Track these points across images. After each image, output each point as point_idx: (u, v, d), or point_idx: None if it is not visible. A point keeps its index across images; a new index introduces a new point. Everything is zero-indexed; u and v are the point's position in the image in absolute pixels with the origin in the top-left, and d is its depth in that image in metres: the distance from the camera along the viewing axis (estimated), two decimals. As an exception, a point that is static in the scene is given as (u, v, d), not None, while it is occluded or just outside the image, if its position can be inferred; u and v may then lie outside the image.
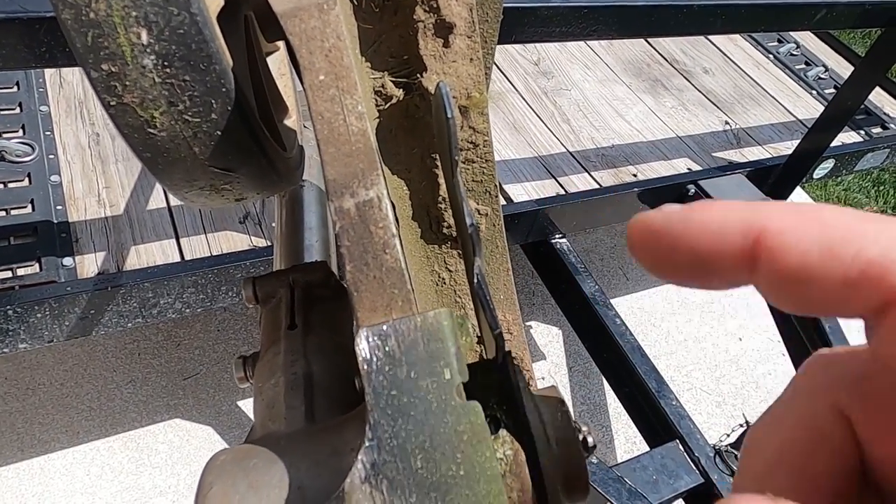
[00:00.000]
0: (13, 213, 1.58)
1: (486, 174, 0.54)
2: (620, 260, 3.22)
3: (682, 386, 2.80)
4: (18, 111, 1.80)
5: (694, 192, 2.21)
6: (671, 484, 1.72)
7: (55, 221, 1.58)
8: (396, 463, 0.28)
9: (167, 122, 0.37)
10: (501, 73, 2.50)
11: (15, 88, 1.85)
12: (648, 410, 1.93)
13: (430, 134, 0.50)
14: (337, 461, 0.32)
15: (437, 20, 0.44)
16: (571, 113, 2.41)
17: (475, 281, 0.32)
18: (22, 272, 1.48)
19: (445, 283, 0.56)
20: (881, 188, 4.24)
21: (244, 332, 2.56)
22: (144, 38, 0.34)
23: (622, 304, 3.02)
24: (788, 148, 2.41)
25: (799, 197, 3.80)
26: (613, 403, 2.64)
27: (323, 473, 0.32)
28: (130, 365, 2.39)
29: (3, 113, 1.78)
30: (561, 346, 2.83)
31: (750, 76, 2.86)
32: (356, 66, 0.37)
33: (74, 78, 1.96)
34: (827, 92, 2.87)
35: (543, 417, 0.32)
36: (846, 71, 2.84)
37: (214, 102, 0.37)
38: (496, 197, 0.57)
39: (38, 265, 1.50)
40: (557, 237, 2.16)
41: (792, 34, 3.13)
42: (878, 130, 2.76)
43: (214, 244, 1.67)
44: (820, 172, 2.51)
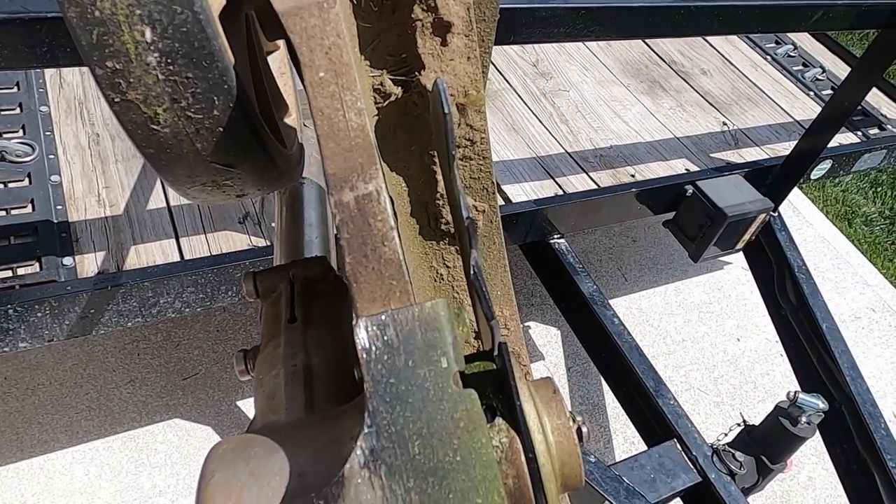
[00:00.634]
0: (13, 212, 1.58)
1: (483, 171, 0.54)
2: (619, 260, 3.23)
3: (680, 386, 2.81)
4: (19, 111, 1.81)
5: (692, 192, 2.22)
6: (669, 483, 1.73)
7: (55, 221, 1.59)
8: (395, 449, 0.29)
9: (170, 118, 0.37)
10: (500, 73, 2.51)
11: (15, 89, 1.86)
12: (646, 410, 1.93)
13: (428, 131, 0.51)
14: (336, 449, 0.32)
15: (434, 19, 0.44)
16: (570, 114, 2.42)
17: (472, 272, 0.33)
18: (22, 271, 1.48)
19: (443, 278, 0.57)
20: (879, 189, 4.25)
21: (243, 332, 2.57)
22: (148, 35, 0.34)
23: (620, 304, 3.03)
24: (786, 149, 2.42)
25: (796, 197, 3.81)
26: (612, 404, 2.65)
27: (322, 461, 0.32)
28: (130, 365, 2.39)
29: (3, 113, 1.78)
30: (559, 346, 2.83)
31: (748, 77, 2.87)
32: (355, 63, 0.37)
33: (74, 79, 1.97)
34: (824, 93, 2.88)
35: (538, 406, 0.33)
36: (844, 72, 2.85)
37: (217, 99, 0.38)
38: (493, 194, 0.57)
39: (38, 265, 1.50)
40: (556, 237, 2.17)
41: (789, 35, 3.14)
42: (875, 131, 2.77)
43: (214, 244, 1.68)
44: (817, 173, 2.52)
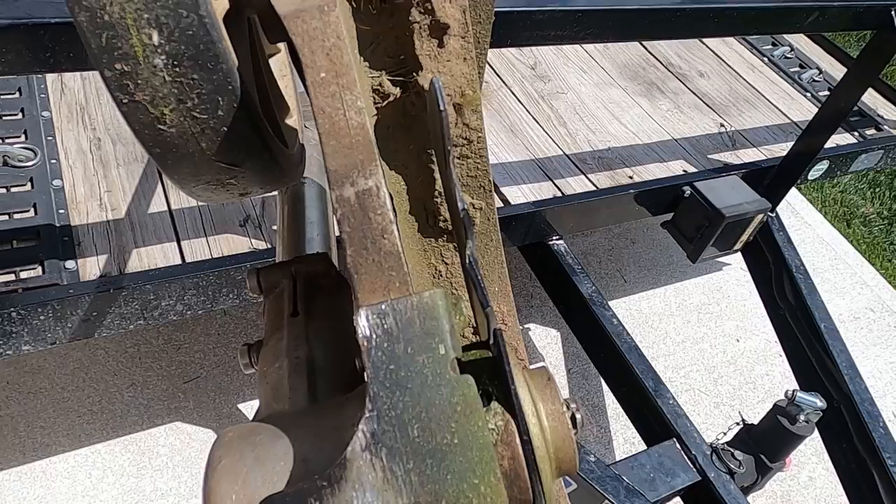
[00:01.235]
0: (16, 217, 1.60)
1: (480, 170, 0.56)
2: (618, 262, 3.24)
3: (680, 387, 2.82)
4: (20, 117, 1.82)
5: (690, 193, 2.23)
6: (668, 482, 1.74)
7: (57, 225, 1.60)
8: (395, 432, 0.30)
9: (176, 118, 0.39)
10: (498, 76, 2.53)
11: (17, 94, 1.87)
12: (646, 409, 1.94)
13: (426, 131, 0.52)
14: (339, 435, 0.34)
15: (431, 21, 0.46)
16: (568, 116, 2.44)
17: (467, 262, 0.34)
18: (25, 275, 1.50)
19: (442, 275, 0.58)
20: (877, 190, 4.26)
21: (244, 335, 2.58)
22: (156, 38, 0.36)
23: (620, 305, 3.04)
24: (783, 150, 2.44)
25: (794, 198, 3.82)
26: (612, 405, 2.66)
27: (325, 447, 0.33)
28: (131, 369, 2.41)
29: (5, 119, 1.80)
30: (559, 347, 2.84)
31: (744, 79, 2.89)
32: (355, 65, 0.39)
33: (76, 84, 1.99)
34: (821, 94, 2.89)
35: (533, 392, 0.34)
36: (840, 73, 2.87)
37: (221, 100, 0.39)
38: (490, 192, 0.59)
39: (40, 268, 1.51)
40: (555, 239, 2.18)
41: (786, 37, 3.16)
42: (871, 132, 2.79)
43: (215, 247, 1.69)
44: (815, 174, 2.53)
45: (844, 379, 2.12)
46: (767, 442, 1.92)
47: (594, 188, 2.18)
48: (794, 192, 3.27)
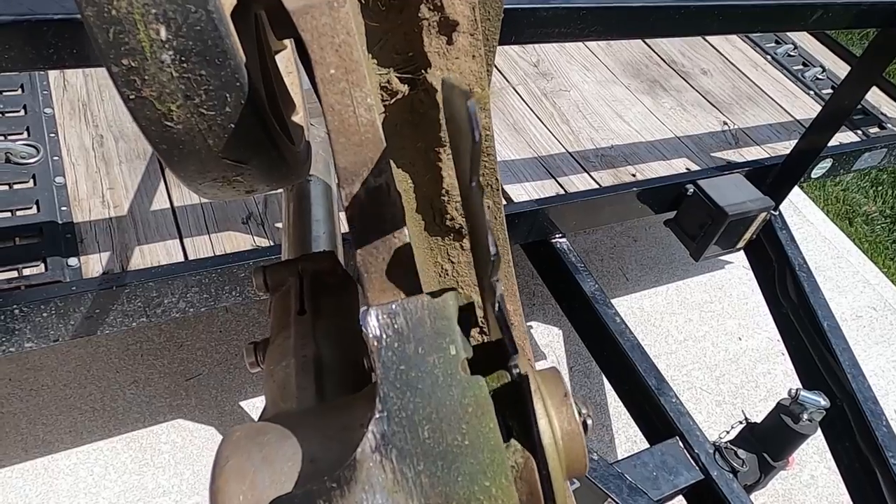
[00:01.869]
0: (19, 214, 1.59)
1: (487, 168, 0.55)
2: (620, 260, 3.24)
3: (682, 385, 2.82)
4: (23, 114, 1.82)
5: (693, 191, 2.23)
6: (671, 480, 1.74)
7: (60, 222, 1.60)
8: (405, 433, 0.30)
9: (183, 115, 0.38)
10: (501, 74, 2.52)
11: (19, 91, 1.87)
12: (648, 408, 1.94)
13: (434, 129, 0.52)
14: (347, 435, 0.33)
15: (440, 18, 0.45)
16: (571, 114, 2.43)
17: (496, 308, 0.33)
18: (28, 272, 1.49)
19: (448, 273, 0.57)
20: (879, 188, 4.25)
21: (247, 332, 2.58)
22: (163, 34, 0.35)
23: (622, 304, 3.03)
24: (786, 148, 2.43)
25: (797, 196, 3.81)
26: (614, 403, 2.66)
27: (334, 446, 0.33)
28: (133, 366, 2.40)
29: (8, 115, 1.79)
30: (562, 345, 2.84)
31: (748, 77, 2.88)
32: (364, 61, 0.38)
33: (78, 81, 1.98)
34: (824, 92, 2.88)
35: (546, 402, 0.33)
36: (843, 71, 2.86)
37: (229, 96, 0.39)
38: (497, 190, 0.58)
39: (43, 265, 1.51)
40: (557, 237, 2.17)
41: (789, 35, 3.15)
42: (875, 130, 2.78)
43: (218, 244, 1.69)
44: (818, 172, 2.53)
45: (847, 377, 2.11)
46: (771, 440, 1.91)
47: (597, 186, 2.17)
48: (796, 190, 3.26)
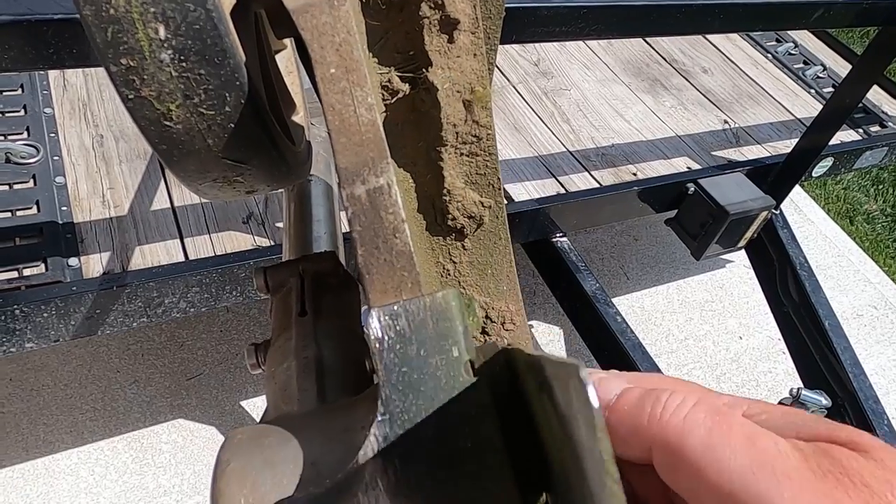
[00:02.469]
0: (19, 214, 1.59)
1: (489, 167, 0.55)
2: (621, 259, 3.23)
3: (682, 384, 2.81)
4: (23, 113, 1.82)
5: (693, 190, 2.22)
6: (672, 480, 1.73)
7: (60, 222, 1.60)
8: (408, 436, 0.29)
9: (183, 114, 0.38)
10: (502, 73, 2.52)
11: (19, 91, 1.87)
12: (649, 407, 1.94)
13: (435, 128, 0.51)
14: (349, 437, 0.33)
15: (441, 16, 0.45)
16: (571, 113, 2.43)
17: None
18: (28, 272, 1.49)
19: (450, 273, 0.57)
20: (880, 187, 4.25)
21: (247, 332, 2.58)
22: (162, 33, 0.35)
23: (623, 303, 3.03)
24: (787, 146, 2.43)
25: (798, 195, 3.81)
26: (615, 402, 2.65)
27: (336, 449, 0.33)
28: (134, 366, 2.40)
29: (7, 115, 1.79)
30: (562, 345, 2.84)
31: (749, 75, 2.88)
32: (365, 60, 0.38)
33: (78, 80, 1.98)
34: (825, 91, 2.88)
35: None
36: (844, 70, 2.86)
37: (228, 96, 0.38)
38: (499, 190, 0.58)
39: (43, 265, 1.51)
40: (558, 236, 2.17)
41: (790, 33, 3.14)
42: (876, 129, 2.77)
43: (218, 244, 1.68)
44: (819, 171, 2.52)
45: (848, 376, 2.11)
46: (772, 440, 1.91)
47: (598, 185, 2.17)
48: (796, 188, 3.25)
